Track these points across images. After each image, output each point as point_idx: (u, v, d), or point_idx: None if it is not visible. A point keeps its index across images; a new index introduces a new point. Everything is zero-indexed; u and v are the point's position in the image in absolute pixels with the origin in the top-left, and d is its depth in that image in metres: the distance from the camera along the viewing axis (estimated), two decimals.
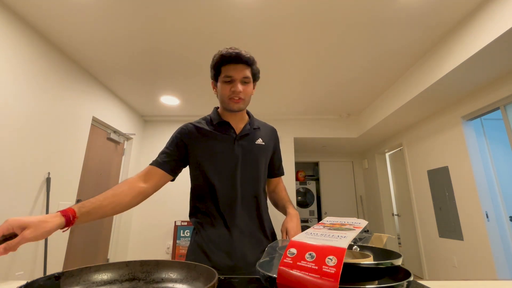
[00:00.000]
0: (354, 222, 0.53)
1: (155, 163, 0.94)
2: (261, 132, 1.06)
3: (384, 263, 0.42)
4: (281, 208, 1.07)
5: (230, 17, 2.09)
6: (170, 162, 0.95)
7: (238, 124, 1.02)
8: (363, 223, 0.52)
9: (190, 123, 1.01)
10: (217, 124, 1.00)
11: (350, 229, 0.47)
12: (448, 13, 2.04)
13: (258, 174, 1.00)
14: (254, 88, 1.02)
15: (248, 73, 0.94)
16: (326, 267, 0.36)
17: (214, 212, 0.95)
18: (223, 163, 0.96)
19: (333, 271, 0.35)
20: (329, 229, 0.49)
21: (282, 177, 1.17)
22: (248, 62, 0.94)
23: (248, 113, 1.08)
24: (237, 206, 0.94)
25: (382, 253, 0.53)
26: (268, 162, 1.07)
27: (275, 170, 1.12)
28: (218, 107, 1.07)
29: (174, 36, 2.32)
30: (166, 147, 0.98)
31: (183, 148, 0.97)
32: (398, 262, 0.44)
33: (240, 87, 0.92)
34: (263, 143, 1.03)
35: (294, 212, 0.97)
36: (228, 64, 0.92)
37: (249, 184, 0.97)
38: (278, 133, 1.15)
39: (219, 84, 0.96)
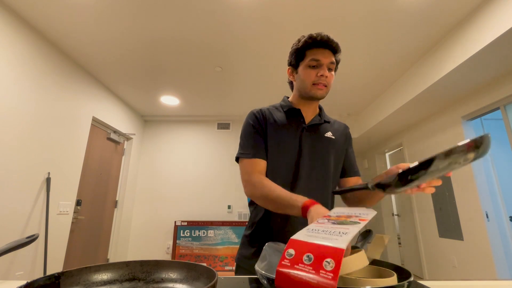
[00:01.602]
0: (361, 213, 0.52)
1: (257, 155, 0.88)
2: (332, 126, 0.99)
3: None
4: (364, 194, 0.85)
5: (231, 17, 2.09)
6: (263, 149, 0.90)
7: (309, 114, 0.96)
8: (371, 213, 0.51)
9: (261, 108, 0.96)
10: (287, 111, 0.95)
11: (355, 222, 0.46)
12: (448, 13, 2.04)
13: (328, 170, 0.90)
14: None
15: (334, 59, 0.89)
16: (323, 272, 0.35)
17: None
18: (286, 153, 0.89)
19: (330, 277, 0.34)
20: (333, 223, 0.48)
21: None
22: (335, 49, 0.88)
23: (319, 106, 1.01)
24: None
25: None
26: (342, 161, 0.97)
27: (354, 167, 0.99)
28: (288, 97, 1.02)
29: (174, 37, 2.32)
30: (253, 136, 0.91)
31: (264, 132, 0.92)
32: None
33: (326, 72, 0.87)
34: (333, 137, 0.95)
35: None
36: (315, 48, 0.88)
37: (317, 182, 0.88)
38: None
39: (301, 69, 0.90)
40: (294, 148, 0.90)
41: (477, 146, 0.46)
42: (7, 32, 1.99)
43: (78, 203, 2.87)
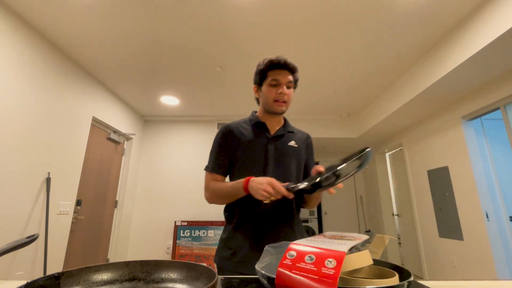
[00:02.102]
0: (355, 236, 0.54)
1: (215, 170, 1.03)
2: (295, 136, 1.11)
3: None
4: (310, 197, 1.03)
5: (231, 18, 2.09)
6: (224, 165, 1.04)
7: (274, 126, 1.09)
8: (363, 237, 0.53)
9: (230, 124, 1.07)
10: (254, 125, 1.07)
11: (351, 239, 0.48)
12: (448, 13, 2.04)
13: (291, 176, 1.02)
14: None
15: (291, 78, 1.03)
16: (325, 269, 0.36)
17: (240, 212, 0.98)
18: (254, 162, 1.00)
19: (332, 273, 0.35)
20: (330, 238, 0.50)
21: None
22: (292, 69, 1.03)
23: (284, 118, 1.14)
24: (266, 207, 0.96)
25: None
26: (303, 167, 1.09)
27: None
28: (256, 111, 1.14)
29: (174, 36, 2.32)
30: (216, 152, 1.05)
31: (231, 148, 1.03)
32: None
33: (285, 90, 1.01)
34: (296, 146, 1.07)
35: None
36: (275, 70, 1.02)
37: None
38: None
39: (264, 87, 1.04)
40: (261, 157, 1.01)
41: (359, 158, 0.65)
42: (7, 32, 1.99)
43: (78, 203, 2.87)
